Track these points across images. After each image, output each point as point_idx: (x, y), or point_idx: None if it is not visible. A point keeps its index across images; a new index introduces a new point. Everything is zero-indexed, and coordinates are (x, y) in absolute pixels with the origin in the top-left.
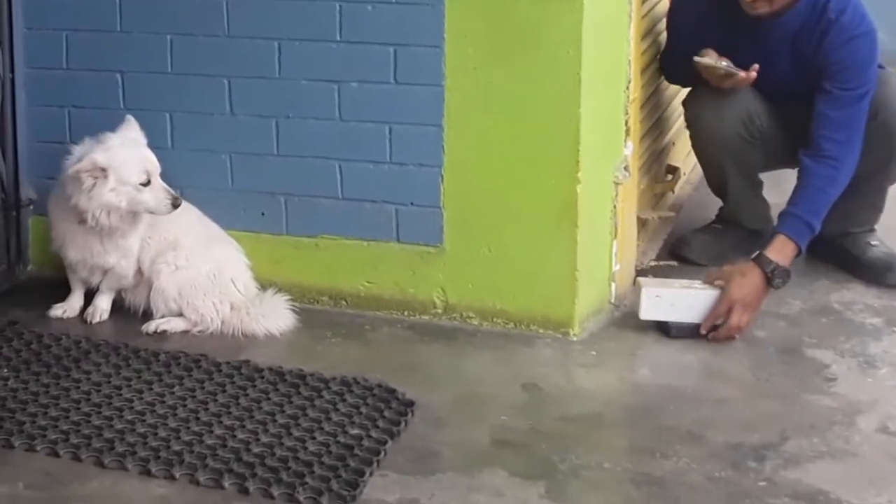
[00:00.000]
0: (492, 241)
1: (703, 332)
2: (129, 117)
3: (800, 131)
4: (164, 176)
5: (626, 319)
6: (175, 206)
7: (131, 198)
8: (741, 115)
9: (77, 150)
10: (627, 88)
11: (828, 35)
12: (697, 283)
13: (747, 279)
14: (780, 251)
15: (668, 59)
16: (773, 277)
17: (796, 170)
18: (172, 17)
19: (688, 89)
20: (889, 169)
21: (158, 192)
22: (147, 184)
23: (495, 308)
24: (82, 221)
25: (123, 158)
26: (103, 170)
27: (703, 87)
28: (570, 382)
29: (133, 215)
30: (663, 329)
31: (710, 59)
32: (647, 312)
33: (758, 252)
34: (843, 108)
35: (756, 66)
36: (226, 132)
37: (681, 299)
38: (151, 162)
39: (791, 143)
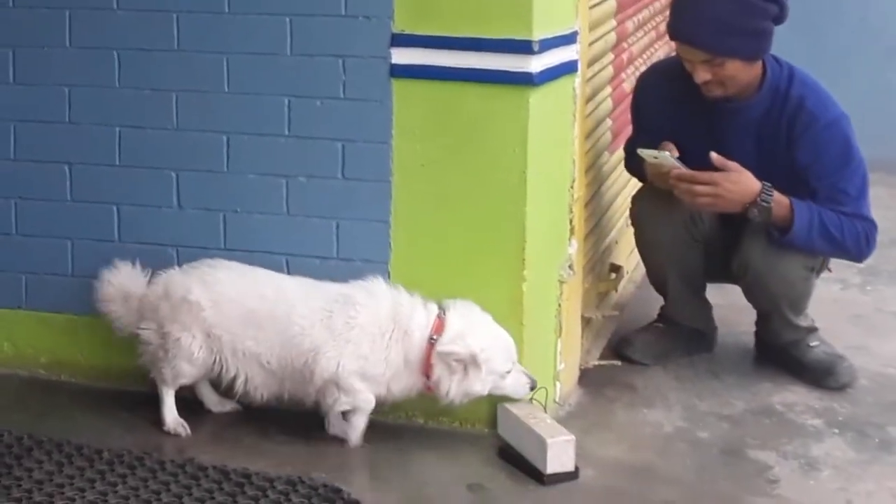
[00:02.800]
0: None
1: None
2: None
3: (740, 236)
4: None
5: (571, 419)
6: (532, 388)
7: (494, 385)
8: (685, 217)
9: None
10: (572, 187)
11: (797, 122)
12: (548, 420)
13: (743, 179)
14: (779, 198)
15: (630, 148)
16: (760, 198)
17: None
18: (121, 109)
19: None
20: (782, 312)
21: (519, 377)
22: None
23: (441, 407)
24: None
25: (495, 348)
26: (477, 362)
27: (651, 184)
28: (516, 483)
29: None
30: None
31: (652, 151)
32: (501, 428)
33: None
34: (844, 205)
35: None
36: (173, 226)
37: (521, 429)
38: (514, 347)
39: (732, 248)
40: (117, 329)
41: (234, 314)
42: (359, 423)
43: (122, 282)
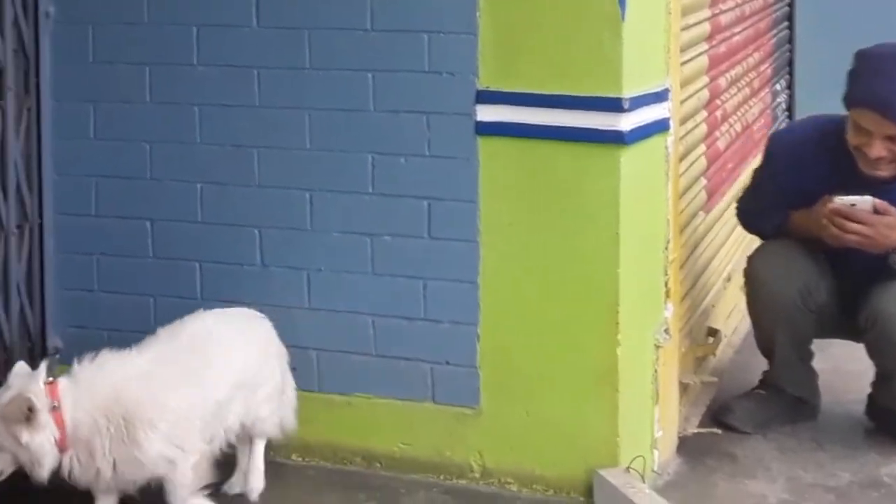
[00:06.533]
0: (530, 403)
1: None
2: None
3: (855, 311)
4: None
5: (669, 489)
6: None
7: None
8: (800, 285)
9: None
10: (667, 248)
11: None
12: (646, 490)
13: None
14: None
15: (752, 207)
16: None
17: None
18: (203, 166)
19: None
20: None
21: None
22: None
23: (534, 474)
24: None
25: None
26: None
27: (772, 244)
28: None
29: None
30: None
31: (850, 198)
32: (597, 497)
33: None
34: None
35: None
36: (256, 284)
37: (618, 499)
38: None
39: (845, 322)
40: None
41: None
42: None
43: None
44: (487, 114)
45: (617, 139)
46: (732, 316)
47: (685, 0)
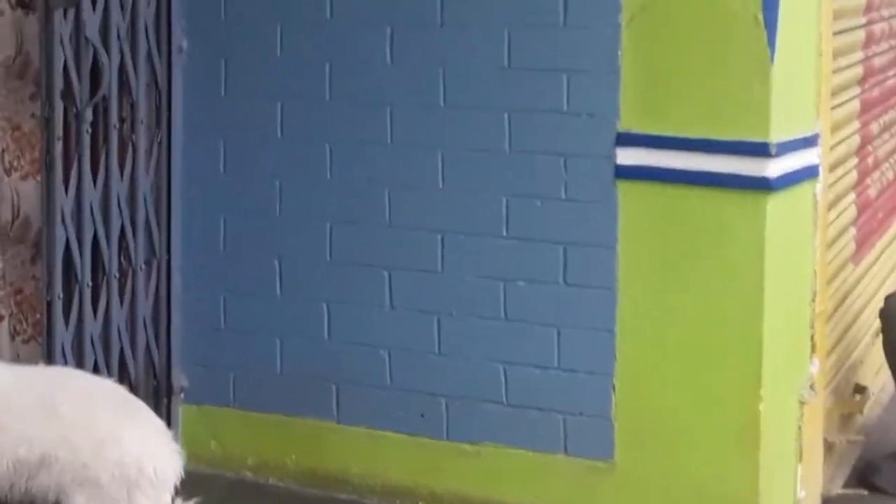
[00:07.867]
0: (667, 457)
1: None
2: None
3: None
4: (321, 366)
5: None
6: None
7: None
8: None
9: None
10: (813, 300)
11: None
12: None
13: None
14: None
15: None
16: None
17: None
18: (333, 204)
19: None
20: None
21: None
22: None
23: None
24: None
25: None
26: None
27: None
28: None
29: None
30: None
31: None
32: None
33: None
34: None
35: None
36: (385, 326)
37: None
38: None
39: None
40: None
41: None
42: None
43: None
44: (628, 157)
45: (763, 186)
46: (881, 372)
47: (837, 42)
